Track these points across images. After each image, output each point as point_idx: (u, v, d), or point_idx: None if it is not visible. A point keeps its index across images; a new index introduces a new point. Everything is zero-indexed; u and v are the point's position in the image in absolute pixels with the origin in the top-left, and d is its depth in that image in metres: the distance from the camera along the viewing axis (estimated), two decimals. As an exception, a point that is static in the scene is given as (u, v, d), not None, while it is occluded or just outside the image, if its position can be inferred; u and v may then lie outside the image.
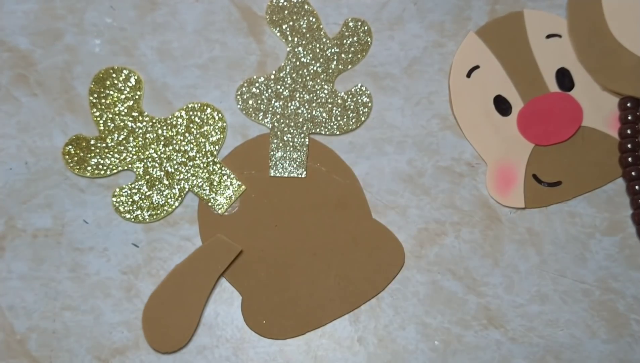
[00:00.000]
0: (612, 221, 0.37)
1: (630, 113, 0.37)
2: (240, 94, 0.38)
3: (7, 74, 0.38)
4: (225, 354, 0.36)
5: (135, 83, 0.38)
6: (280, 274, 0.37)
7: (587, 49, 0.38)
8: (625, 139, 0.37)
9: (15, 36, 0.38)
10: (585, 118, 0.38)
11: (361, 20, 0.38)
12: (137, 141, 0.37)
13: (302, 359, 0.36)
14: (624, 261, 0.37)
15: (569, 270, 0.37)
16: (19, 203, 0.37)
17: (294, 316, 0.36)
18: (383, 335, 0.36)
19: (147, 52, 0.38)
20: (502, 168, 0.38)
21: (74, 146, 0.37)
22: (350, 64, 0.38)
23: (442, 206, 0.37)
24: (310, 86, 0.38)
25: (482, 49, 0.38)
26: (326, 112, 0.38)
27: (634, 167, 0.37)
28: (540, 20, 0.39)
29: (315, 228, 0.37)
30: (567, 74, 0.38)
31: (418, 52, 0.39)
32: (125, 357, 0.36)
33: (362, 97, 0.38)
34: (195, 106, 0.38)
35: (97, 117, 0.37)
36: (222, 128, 0.38)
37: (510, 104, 0.38)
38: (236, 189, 0.37)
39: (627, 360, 0.36)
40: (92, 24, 0.38)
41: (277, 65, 0.38)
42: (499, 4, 0.39)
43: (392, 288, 0.37)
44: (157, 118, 0.38)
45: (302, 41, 0.38)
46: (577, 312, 0.37)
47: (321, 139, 0.38)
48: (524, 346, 0.36)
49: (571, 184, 0.37)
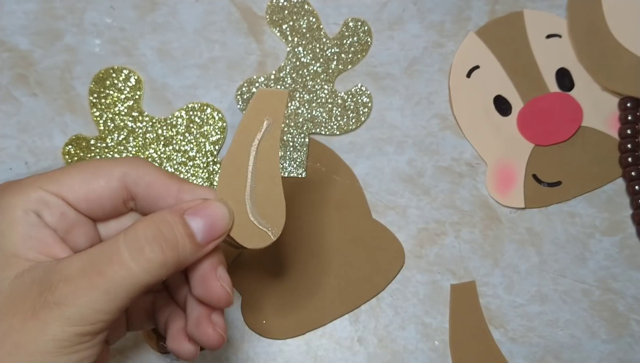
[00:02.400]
0: (612, 221, 0.37)
1: (630, 113, 0.37)
2: (240, 94, 0.38)
3: (7, 74, 0.38)
4: (225, 354, 0.36)
5: (135, 83, 0.38)
6: (280, 274, 0.37)
7: (587, 49, 0.38)
8: (625, 139, 0.37)
9: (15, 36, 0.38)
10: (585, 118, 0.38)
11: (361, 20, 0.38)
12: (137, 141, 0.37)
13: (302, 359, 0.36)
14: (624, 261, 0.37)
15: (569, 270, 0.37)
16: (19, 203, 0.37)
17: (294, 316, 0.36)
18: (383, 335, 0.36)
19: (147, 52, 0.38)
20: (502, 168, 0.38)
21: (74, 146, 0.37)
22: (350, 64, 0.38)
23: (442, 206, 0.37)
24: (310, 86, 0.38)
25: (482, 49, 0.38)
26: (326, 112, 0.38)
27: (634, 167, 0.37)
28: (540, 20, 0.39)
29: (315, 228, 0.37)
30: (567, 74, 0.38)
31: (418, 52, 0.39)
32: (126, 357, 0.36)
33: (362, 97, 0.38)
34: (195, 106, 0.38)
35: (97, 117, 0.37)
36: (222, 128, 0.38)
37: (510, 104, 0.38)
38: (236, 189, 0.37)
39: (627, 360, 0.36)
40: (92, 24, 0.38)
41: (277, 65, 0.38)
42: (499, 4, 0.39)
43: (392, 288, 0.37)
44: (157, 118, 0.37)
45: (302, 41, 0.38)
46: (577, 312, 0.36)
47: (321, 139, 0.38)
48: (524, 346, 0.36)
49: (571, 184, 0.37)
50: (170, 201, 0.27)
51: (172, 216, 0.25)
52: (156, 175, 0.27)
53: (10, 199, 0.26)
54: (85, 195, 0.26)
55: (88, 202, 0.27)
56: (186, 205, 0.26)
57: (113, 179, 0.27)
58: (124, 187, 0.27)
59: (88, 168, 0.27)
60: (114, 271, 0.24)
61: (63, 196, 0.26)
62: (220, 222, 0.26)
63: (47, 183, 0.26)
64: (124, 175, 0.27)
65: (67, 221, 0.26)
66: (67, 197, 0.26)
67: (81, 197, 0.26)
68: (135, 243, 0.24)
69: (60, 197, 0.26)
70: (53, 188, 0.26)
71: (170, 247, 0.25)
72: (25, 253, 0.25)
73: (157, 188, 0.27)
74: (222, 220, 0.27)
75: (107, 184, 0.27)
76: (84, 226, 0.27)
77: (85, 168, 0.27)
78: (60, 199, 0.26)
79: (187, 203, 0.26)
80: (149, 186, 0.27)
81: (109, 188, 0.27)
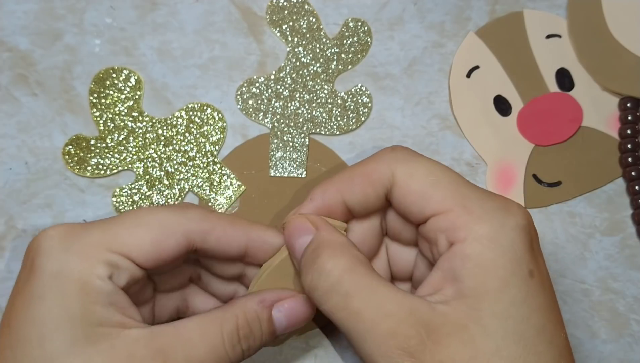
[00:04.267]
0: (612, 221, 0.37)
1: (630, 113, 0.37)
2: (240, 94, 0.38)
3: (7, 74, 0.38)
4: (225, 354, 0.36)
5: (135, 83, 0.38)
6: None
7: (587, 49, 0.38)
8: (625, 139, 0.37)
9: (15, 36, 0.38)
10: (585, 118, 0.38)
11: (361, 21, 0.38)
12: (137, 141, 0.37)
13: (302, 359, 0.36)
14: (624, 261, 0.37)
15: (569, 270, 0.37)
16: (19, 203, 0.37)
17: (294, 316, 0.36)
18: (383, 335, 0.36)
19: (147, 52, 0.38)
20: (502, 168, 0.38)
21: (74, 146, 0.37)
22: (350, 64, 0.38)
23: (442, 206, 0.37)
24: (310, 86, 0.38)
25: (482, 49, 0.38)
26: (326, 113, 0.38)
27: (634, 167, 0.37)
28: (540, 21, 0.39)
29: (315, 228, 0.37)
30: (567, 74, 0.38)
31: (418, 52, 0.39)
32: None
33: (362, 97, 0.38)
34: (195, 106, 0.38)
35: (97, 117, 0.37)
36: (222, 128, 0.38)
37: (510, 104, 0.38)
38: (236, 189, 0.37)
39: (627, 360, 0.36)
40: (92, 24, 0.38)
41: (277, 65, 0.38)
42: (499, 4, 0.39)
43: (392, 288, 0.37)
44: (157, 118, 0.38)
45: (302, 41, 0.38)
46: (577, 312, 0.36)
47: (321, 139, 0.38)
48: (524, 346, 0.36)
49: (571, 185, 0.37)
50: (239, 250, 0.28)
51: (262, 311, 0.27)
52: (223, 227, 0.27)
53: (82, 266, 0.25)
54: (155, 256, 0.26)
55: (156, 261, 0.26)
56: (276, 296, 0.28)
57: (181, 237, 0.26)
58: (190, 243, 0.27)
59: (155, 224, 0.26)
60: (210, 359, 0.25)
61: (133, 258, 0.26)
62: (301, 317, 0.28)
63: (116, 243, 0.25)
64: (189, 232, 0.27)
65: (133, 280, 0.26)
66: (137, 259, 0.26)
67: (151, 258, 0.26)
68: (232, 339, 0.26)
69: (130, 259, 0.26)
70: (123, 249, 0.25)
71: (255, 343, 0.27)
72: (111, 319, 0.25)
73: (227, 240, 0.28)
74: (303, 315, 0.28)
75: (176, 242, 0.26)
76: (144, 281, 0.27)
77: (152, 224, 0.26)
78: (130, 261, 0.26)
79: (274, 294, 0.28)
80: (218, 240, 0.27)
81: (177, 246, 0.26)
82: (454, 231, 0.24)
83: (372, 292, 0.24)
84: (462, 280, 0.24)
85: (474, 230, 0.24)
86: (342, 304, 0.24)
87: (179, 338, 0.25)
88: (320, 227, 0.27)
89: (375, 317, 0.23)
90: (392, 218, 0.28)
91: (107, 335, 0.24)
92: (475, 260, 0.24)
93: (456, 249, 0.24)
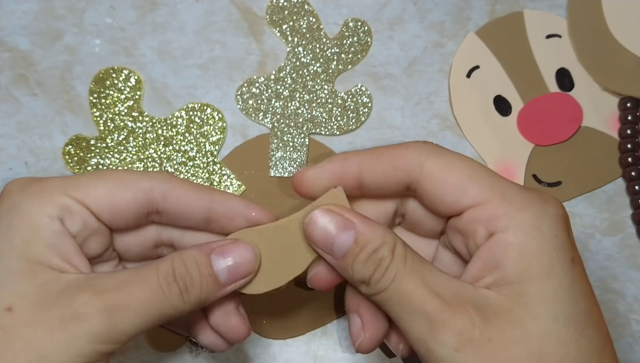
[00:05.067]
0: (612, 221, 0.37)
1: (630, 113, 0.37)
2: (240, 94, 0.38)
3: (7, 74, 0.38)
4: (225, 354, 0.36)
5: (135, 83, 0.38)
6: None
7: (587, 49, 0.38)
8: (625, 139, 0.37)
9: (15, 36, 0.38)
10: (585, 118, 0.38)
11: (361, 21, 0.38)
12: (137, 141, 0.37)
13: (302, 359, 0.36)
14: (624, 261, 0.37)
15: (569, 270, 0.37)
16: (19, 203, 0.37)
17: (294, 316, 0.36)
18: (383, 335, 0.36)
19: (147, 52, 0.38)
20: (502, 168, 0.38)
21: (74, 146, 0.37)
22: (350, 64, 0.38)
23: (442, 206, 0.37)
24: (310, 86, 0.38)
25: (482, 49, 0.38)
26: (326, 113, 0.38)
27: (634, 167, 0.37)
28: (540, 21, 0.39)
29: (315, 228, 0.37)
30: (567, 74, 0.38)
31: (418, 52, 0.39)
32: (126, 357, 0.36)
33: (362, 97, 0.38)
34: (195, 106, 0.38)
35: (97, 117, 0.37)
36: (222, 128, 0.38)
37: (510, 104, 0.38)
38: (236, 189, 0.37)
39: (627, 360, 0.36)
40: (92, 24, 0.38)
41: (277, 65, 0.38)
42: (499, 4, 0.39)
43: (392, 288, 0.37)
44: (157, 118, 0.38)
45: (302, 41, 0.38)
46: (577, 312, 0.36)
47: (321, 139, 0.38)
48: (524, 346, 0.36)
49: (571, 184, 0.37)
50: (201, 213, 0.27)
51: (200, 255, 0.26)
52: (186, 188, 0.27)
53: (33, 202, 0.25)
54: (110, 206, 0.26)
55: (112, 213, 0.27)
56: (215, 244, 0.27)
57: (140, 192, 0.27)
58: (150, 201, 0.27)
59: (115, 178, 0.27)
60: (145, 298, 0.24)
61: (87, 205, 0.26)
62: (245, 265, 0.27)
63: (73, 189, 0.26)
64: (151, 189, 0.27)
65: (87, 229, 0.26)
66: (91, 206, 0.26)
67: (105, 208, 0.26)
68: (167, 278, 0.25)
69: (84, 205, 0.26)
70: (78, 195, 0.26)
71: (194, 286, 0.26)
72: (49, 261, 0.25)
73: (188, 201, 0.27)
74: (248, 263, 0.27)
75: (134, 197, 0.27)
76: (101, 234, 0.27)
77: (111, 178, 0.27)
78: (84, 207, 0.26)
79: (217, 242, 0.27)
80: (179, 200, 0.27)
81: (135, 201, 0.27)
82: (494, 220, 0.24)
83: (419, 274, 0.24)
84: (505, 268, 0.24)
85: (516, 219, 0.24)
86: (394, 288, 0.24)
87: (113, 278, 0.25)
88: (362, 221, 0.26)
89: (424, 297, 0.24)
90: (413, 209, 0.28)
91: (42, 272, 0.24)
92: (519, 247, 0.24)
93: (498, 238, 0.24)
